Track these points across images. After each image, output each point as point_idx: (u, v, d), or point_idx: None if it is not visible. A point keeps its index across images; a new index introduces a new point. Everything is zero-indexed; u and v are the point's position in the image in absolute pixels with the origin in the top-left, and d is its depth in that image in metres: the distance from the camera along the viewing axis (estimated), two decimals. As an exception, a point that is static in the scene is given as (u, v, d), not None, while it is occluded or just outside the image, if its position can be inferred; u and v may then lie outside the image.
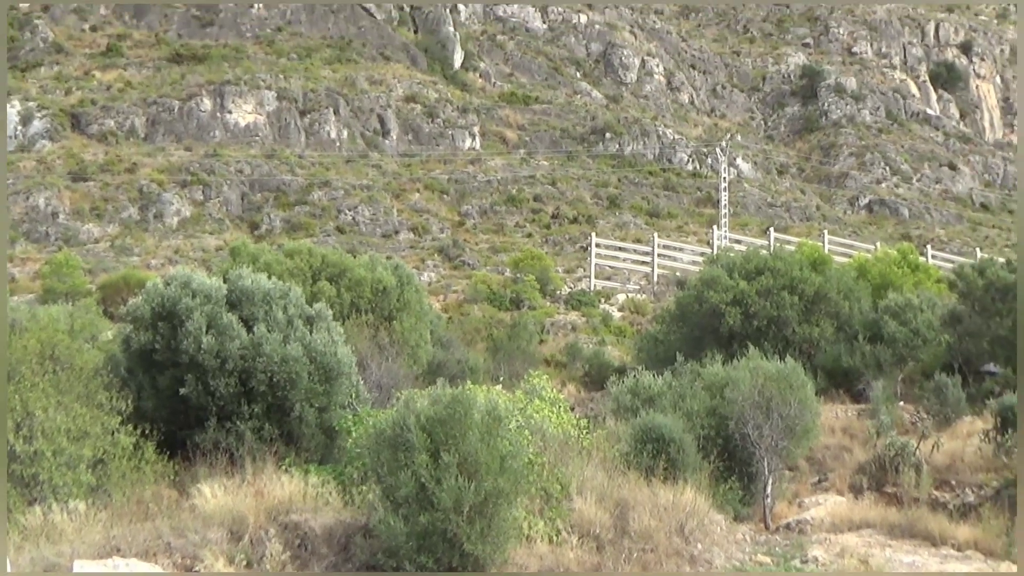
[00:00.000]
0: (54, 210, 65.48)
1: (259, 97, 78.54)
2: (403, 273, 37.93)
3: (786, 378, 29.59)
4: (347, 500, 22.69)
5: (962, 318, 38.07)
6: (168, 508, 22.67)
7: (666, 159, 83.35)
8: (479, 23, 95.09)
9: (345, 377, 26.54)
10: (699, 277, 41.94)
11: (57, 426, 23.47)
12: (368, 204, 69.51)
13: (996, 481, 30.10)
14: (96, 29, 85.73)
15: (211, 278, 28.58)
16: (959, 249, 68.23)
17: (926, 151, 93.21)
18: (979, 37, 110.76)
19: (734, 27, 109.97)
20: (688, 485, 25.98)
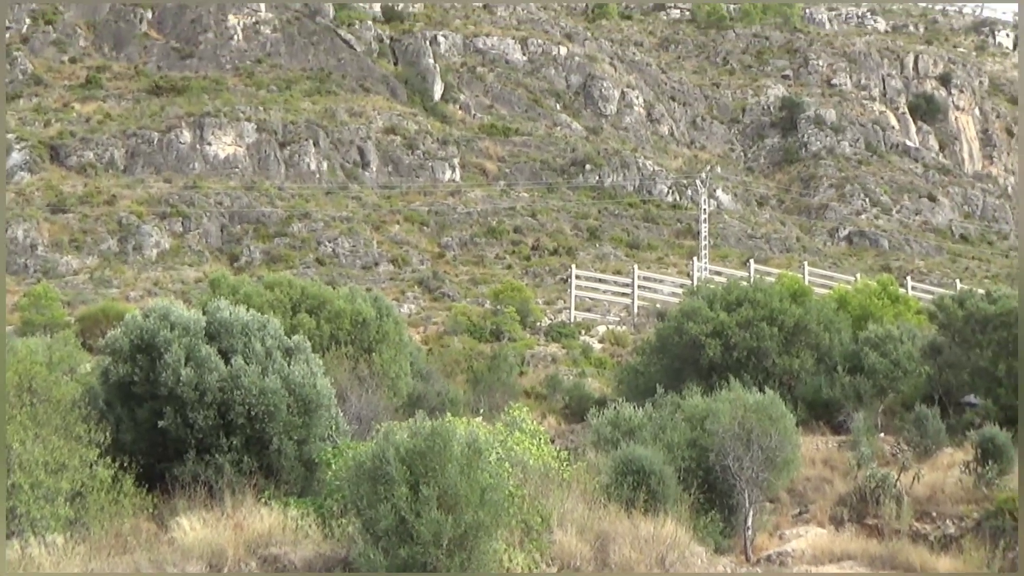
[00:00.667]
0: (33, 242, 65.39)
1: (239, 129, 78.56)
2: (382, 305, 37.95)
3: (766, 410, 29.64)
4: (327, 533, 22.66)
5: (942, 349, 38.15)
6: (147, 541, 22.61)
7: (646, 191, 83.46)
8: (459, 55, 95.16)
9: (324, 409, 26.52)
10: (679, 309, 41.98)
11: (35, 459, 23.41)
12: (348, 236, 69.53)
13: (977, 513, 30.14)
14: (75, 61, 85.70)
15: (190, 310, 28.56)
16: (939, 280, 68.39)
17: (906, 183, 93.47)
18: (958, 69, 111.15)
19: (714, 59, 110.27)
20: (669, 517, 25.99)
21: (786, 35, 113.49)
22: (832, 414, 36.85)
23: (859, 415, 35.88)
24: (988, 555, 28.12)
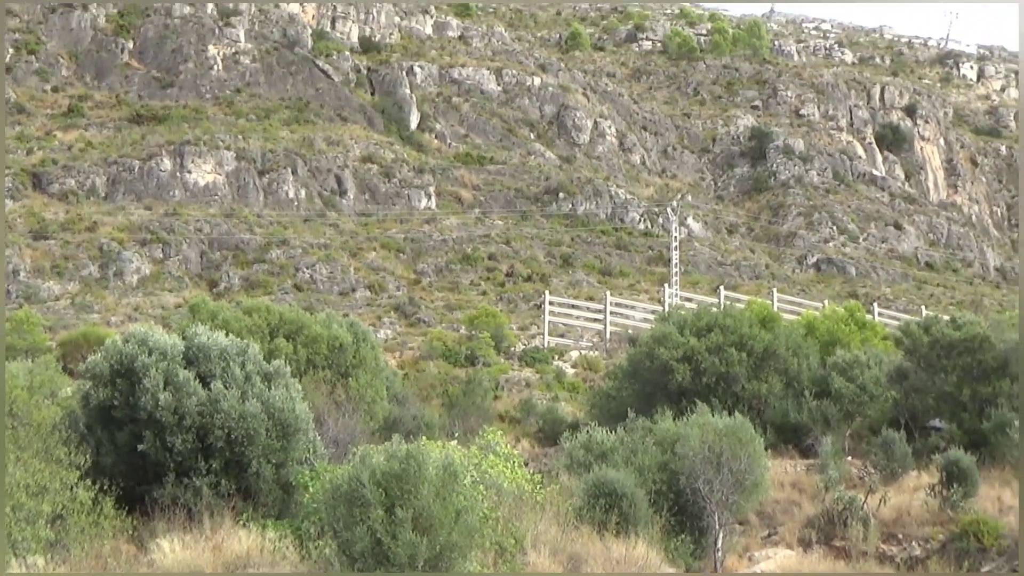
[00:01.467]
0: (15, 268, 65.22)
1: (218, 157, 78.51)
2: (359, 330, 37.95)
3: (735, 433, 29.69)
4: (304, 555, 22.64)
5: (908, 374, 38.29)
6: (127, 563, 22.57)
7: (618, 219, 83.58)
8: (435, 85, 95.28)
9: (302, 433, 26.51)
10: (650, 334, 42.03)
11: (16, 481, 23.36)
12: (325, 262, 69.51)
13: (942, 535, 30.22)
14: (58, 90, 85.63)
15: (169, 335, 28.53)
16: (905, 307, 68.61)
17: (872, 211, 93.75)
18: (923, 100, 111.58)
19: (684, 90, 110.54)
20: (640, 539, 26.02)
21: (755, 66, 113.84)
22: (800, 438, 36.92)
23: (827, 439, 35.98)
24: (951, 573, 28.23)
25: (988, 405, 35.95)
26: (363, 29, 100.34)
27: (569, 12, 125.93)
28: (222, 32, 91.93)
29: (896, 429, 35.86)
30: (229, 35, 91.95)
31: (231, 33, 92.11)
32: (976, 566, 28.78)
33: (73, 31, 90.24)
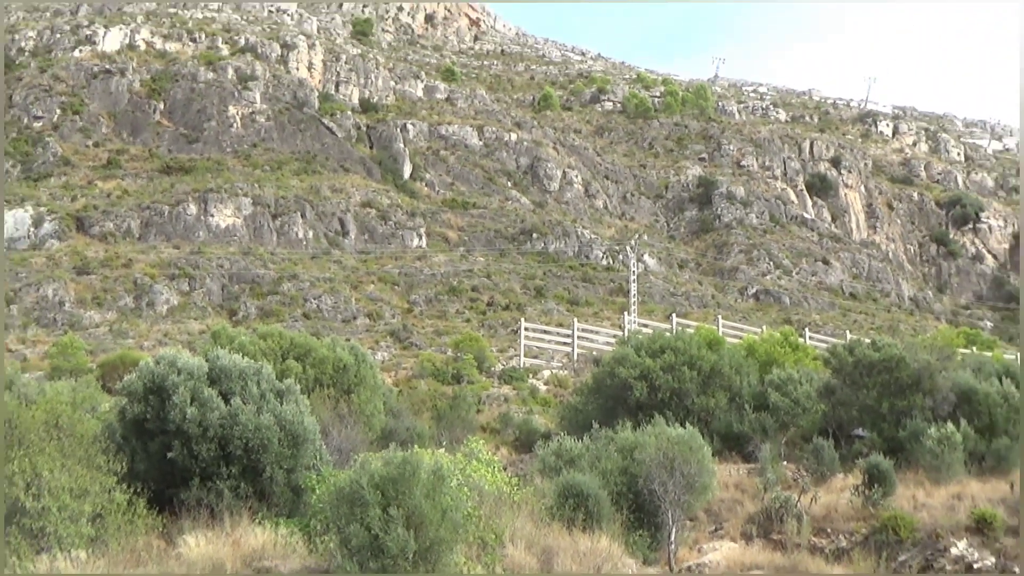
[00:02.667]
0: (61, 299, 65.14)
1: (237, 203, 78.48)
2: (359, 353, 37.85)
3: (686, 442, 29.67)
4: (311, 548, 22.54)
5: (835, 390, 38.27)
6: (157, 556, 22.44)
7: (584, 256, 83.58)
8: (425, 140, 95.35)
9: (310, 443, 26.43)
10: (612, 356, 41.97)
11: (61, 485, 23.24)
12: (330, 294, 69.41)
13: (865, 529, 30.19)
14: (98, 145, 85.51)
15: (195, 358, 28.45)
16: (832, 332, 68.62)
17: (803, 248, 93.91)
18: (846, 153, 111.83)
19: (641, 144, 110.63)
20: (604, 534, 25.95)
21: (702, 124, 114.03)
22: (742, 445, 36.87)
23: (765, 446, 35.94)
24: (874, 564, 28.20)
25: (904, 416, 35.97)
26: (363, 92, 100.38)
27: (541, 77, 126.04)
28: (240, 95, 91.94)
29: (825, 437, 35.86)
30: (246, 97, 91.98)
31: (248, 96, 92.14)
32: (894, 556, 28.77)
33: (112, 94, 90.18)
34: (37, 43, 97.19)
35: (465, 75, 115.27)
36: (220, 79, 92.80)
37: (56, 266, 69.13)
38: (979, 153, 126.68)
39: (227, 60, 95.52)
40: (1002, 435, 35.73)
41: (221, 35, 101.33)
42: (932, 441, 34.10)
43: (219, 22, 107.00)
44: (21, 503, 22.85)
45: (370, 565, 20.63)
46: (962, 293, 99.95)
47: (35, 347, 57.12)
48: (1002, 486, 32.55)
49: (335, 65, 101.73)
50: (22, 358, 53.46)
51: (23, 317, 63.22)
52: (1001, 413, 36.16)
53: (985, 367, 39.81)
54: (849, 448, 35.72)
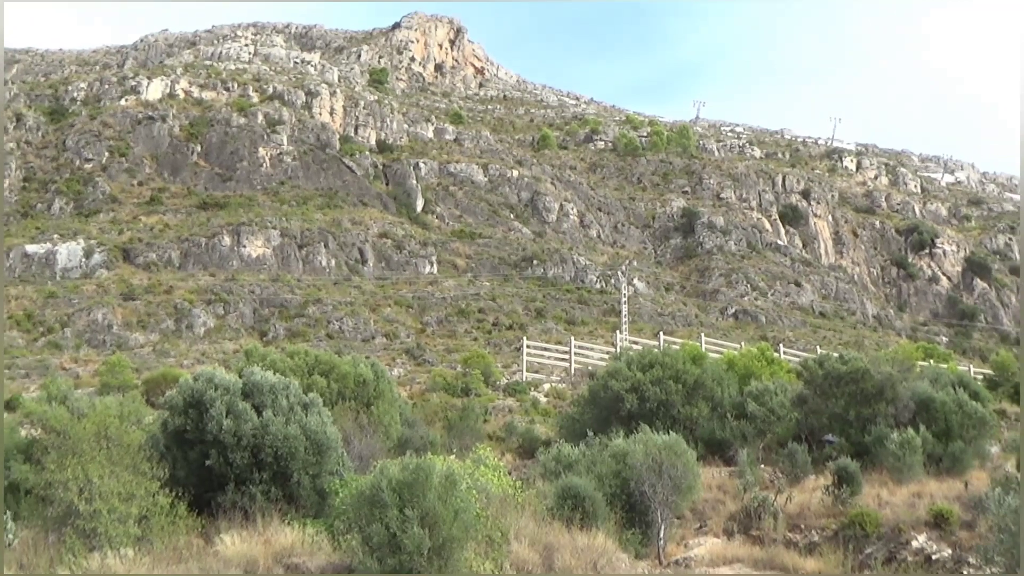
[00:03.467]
0: (109, 323, 65.22)
1: (267, 235, 78.61)
2: (378, 369, 37.81)
3: (673, 448, 29.64)
4: (335, 546, 22.51)
5: (807, 400, 38.25)
6: (197, 553, 22.42)
7: (579, 280, 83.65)
8: (435, 177, 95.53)
9: (333, 450, 26.41)
10: (605, 370, 41.93)
11: (111, 490, 23.25)
12: (351, 316, 69.43)
13: (834, 525, 30.15)
14: (142, 184, 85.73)
15: (229, 375, 28.45)
16: (804, 347, 68.59)
17: (777, 272, 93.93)
18: (815, 186, 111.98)
19: (630, 179, 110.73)
20: (599, 531, 25.89)
21: (685, 160, 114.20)
22: (724, 450, 36.82)
23: (744, 451, 35.89)
24: (842, 557, 28.16)
25: (869, 423, 35.94)
26: (379, 134, 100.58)
27: (540, 119, 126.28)
28: (269, 138, 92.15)
29: (798, 443, 35.80)
30: (275, 140, 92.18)
31: (276, 138, 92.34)
32: (860, 549, 28.72)
33: (154, 138, 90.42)
34: (88, 93, 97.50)
35: (471, 118, 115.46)
36: (251, 124, 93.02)
37: (105, 293, 69.25)
38: (933, 185, 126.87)
39: (257, 107, 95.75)
40: (957, 439, 35.72)
41: (252, 84, 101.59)
42: (894, 445, 34.11)
43: (250, 73, 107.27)
44: (75, 506, 22.89)
45: (389, 561, 20.61)
46: (920, 311, 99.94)
47: (86, 366, 57.19)
48: (957, 485, 32.54)
49: (354, 110, 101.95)
50: (75, 375, 53.57)
51: (76, 339, 63.36)
52: (956, 419, 36.16)
53: (941, 378, 39.82)
54: (820, 452, 35.68)
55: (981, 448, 37.00)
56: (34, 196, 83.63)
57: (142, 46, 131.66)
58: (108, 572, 21.09)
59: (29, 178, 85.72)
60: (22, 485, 25.19)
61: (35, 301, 67.77)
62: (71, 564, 21.18)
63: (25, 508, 24.42)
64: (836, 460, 33.44)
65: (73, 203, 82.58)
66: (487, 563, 22.90)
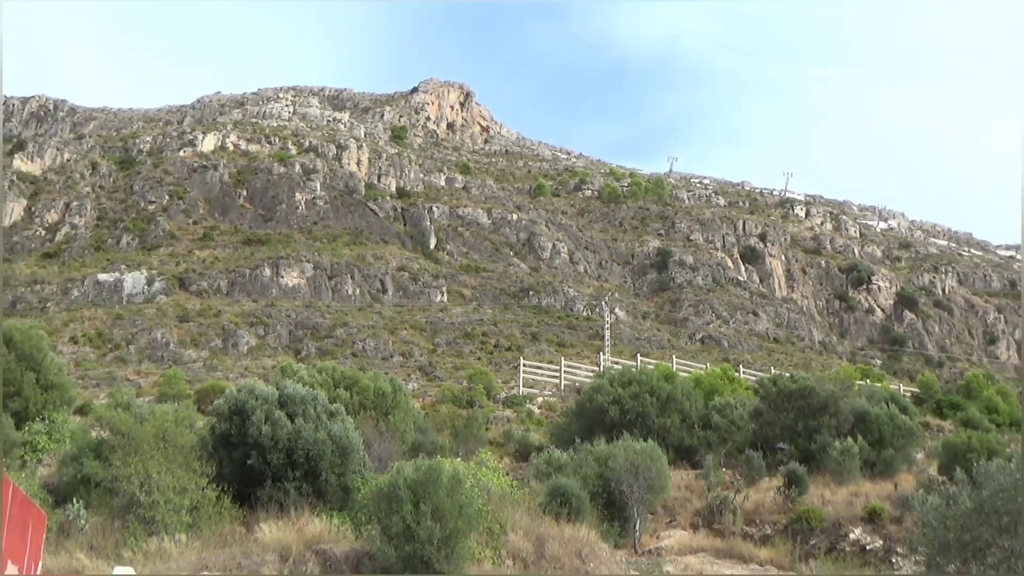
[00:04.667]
0: (167, 341, 65.26)
1: (301, 267, 78.67)
2: (395, 383, 37.82)
3: (648, 453, 29.65)
4: (358, 535, 22.48)
5: (762, 413, 38.29)
6: (239, 539, 22.40)
7: (569, 309, 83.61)
8: (446, 219, 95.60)
9: (355, 453, 26.41)
10: (590, 386, 41.96)
11: (167, 484, 23.25)
12: (372, 338, 69.40)
13: (784, 520, 30.16)
14: (196, 223, 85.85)
15: (268, 387, 28.47)
16: (760, 368, 68.50)
17: (738, 303, 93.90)
18: (771, 230, 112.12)
19: (613, 222, 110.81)
20: (583, 524, 25.85)
21: (660, 207, 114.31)
22: (691, 455, 36.81)
23: (709, 456, 35.90)
24: (791, 547, 28.15)
25: (815, 433, 35.97)
26: (399, 182, 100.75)
27: (536, 171, 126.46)
28: (305, 184, 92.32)
29: (754, 449, 35.81)
30: (309, 186, 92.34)
31: (311, 185, 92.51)
32: (806, 540, 28.73)
33: (207, 184, 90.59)
34: (152, 146, 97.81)
35: (477, 169, 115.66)
36: (289, 172, 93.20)
37: (163, 315, 69.32)
38: (870, 231, 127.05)
39: (295, 158, 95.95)
40: (888, 447, 35.83)
41: (291, 139, 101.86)
42: (836, 452, 34.15)
43: (289, 129, 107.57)
44: (137, 497, 22.90)
45: (404, 548, 20.61)
46: (858, 338, 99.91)
47: (147, 377, 57.26)
48: (888, 486, 32.63)
49: (377, 161, 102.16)
50: (137, 386, 53.63)
51: (138, 354, 63.47)
52: (887, 430, 36.25)
53: (875, 395, 39.97)
54: (773, 458, 35.69)
55: (908, 455, 37.10)
56: (105, 232, 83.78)
57: (198, 105, 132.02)
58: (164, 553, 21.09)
59: (101, 217, 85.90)
60: (93, 478, 25.18)
61: (105, 322, 67.90)
62: (133, 546, 21.19)
63: (95, 498, 24.41)
64: (786, 465, 33.48)
65: (138, 239, 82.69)
66: (487, 550, 22.87)
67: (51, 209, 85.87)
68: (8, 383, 30.32)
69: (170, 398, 43.84)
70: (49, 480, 27.44)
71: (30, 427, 29.93)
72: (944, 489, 25.12)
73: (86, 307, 70.87)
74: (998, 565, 19.30)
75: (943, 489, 25.32)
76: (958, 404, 52.64)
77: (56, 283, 74.02)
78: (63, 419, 31.80)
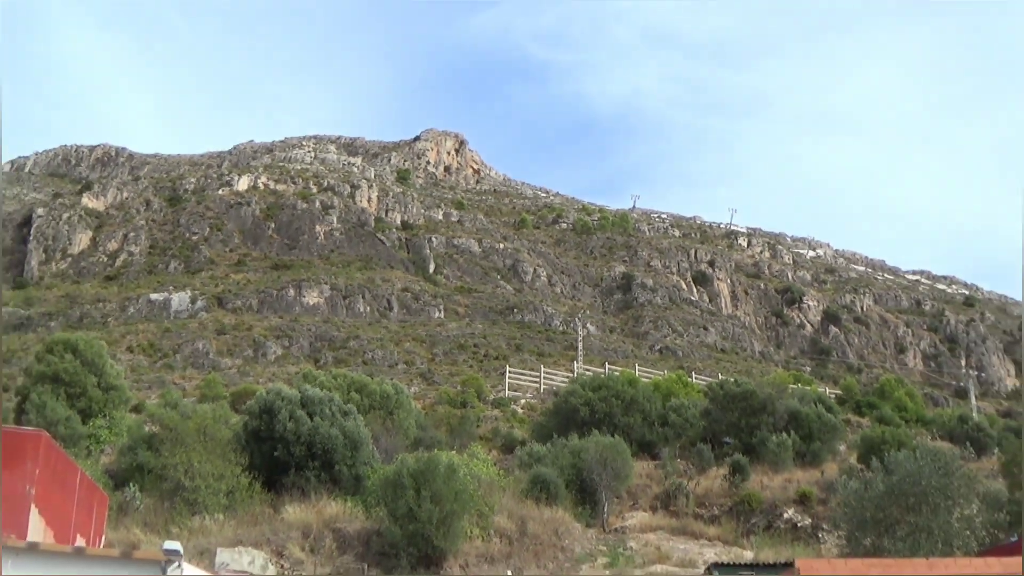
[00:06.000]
0: (207, 351, 65.20)
1: (320, 288, 78.58)
2: (398, 387, 37.96)
3: (614, 447, 29.78)
4: (368, 516, 22.54)
5: (711, 412, 38.47)
6: (268, 519, 22.48)
7: (547, 324, 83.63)
8: (443, 248, 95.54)
9: (365, 446, 26.50)
10: (566, 390, 42.12)
11: (207, 471, 23.33)
12: (380, 348, 69.35)
13: (730, 502, 30.30)
14: (232, 251, 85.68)
15: (292, 390, 28.54)
16: (709, 374, 68.57)
17: (691, 320, 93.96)
18: (719, 257, 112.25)
19: (585, 251, 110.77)
20: (560, 507, 25.92)
21: (624, 238, 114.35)
22: (651, 448, 36.96)
23: (667, 449, 36.06)
24: (735, 525, 28.26)
25: (755, 429, 36.16)
26: (403, 216, 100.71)
27: (520, 207, 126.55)
28: (323, 218, 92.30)
29: (704, 443, 35.98)
30: (327, 220, 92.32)
31: (328, 219, 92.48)
32: (748, 519, 28.85)
33: (242, 218, 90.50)
34: (196, 186, 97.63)
35: (470, 206, 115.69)
36: (311, 208, 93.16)
37: (204, 329, 69.20)
38: (801, 258, 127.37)
39: (315, 196, 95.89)
40: (816, 440, 36.05)
41: (312, 180, 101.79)
42: (773, 445, 34.32)
43: (311, 171, 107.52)
44: (182, 482, 22.97)
45: (408, 527, 20.68)
46: (791, 349, 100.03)
47: (190, 382, 57.26)
48: (816, 473, 32.86)
49: (385, 199, 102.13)
50: (183, 389, 53.70)
51: (183, 362, 63.50)
52: (816, 426, 36.48)
53: (806, 397, 40.17)
54: (720, 450, 35.87)
55: (833, 447, 37.31)
56: (156, 259, 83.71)
57: (235, 152, 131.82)
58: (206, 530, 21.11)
59: (153, 246, 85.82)
60: (146, 466, 25.21)
61: (155, 335, 67.94)
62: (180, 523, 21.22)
63: (148, 483, 24.46)
64: (731, 456, 33.68)
65: (183, 264, 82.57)
66: (477, 529, 22.93)
67: (112, 239, 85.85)
68: (74, 385, 30.54)
69: (209, 399, 43.86)
70: (110, 467, 27.46)
71: (94, 422, 30.03)
72: (862, 475, 25.31)
73: (140, 322, 70.85)
74: (905, 538, 19.47)
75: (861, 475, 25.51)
76: (874, 404, 52.90)
77: (115, 301, 73.97)
78: (121, 416, 31.88)
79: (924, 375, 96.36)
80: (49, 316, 70.20)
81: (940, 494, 19.86)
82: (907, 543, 19.37)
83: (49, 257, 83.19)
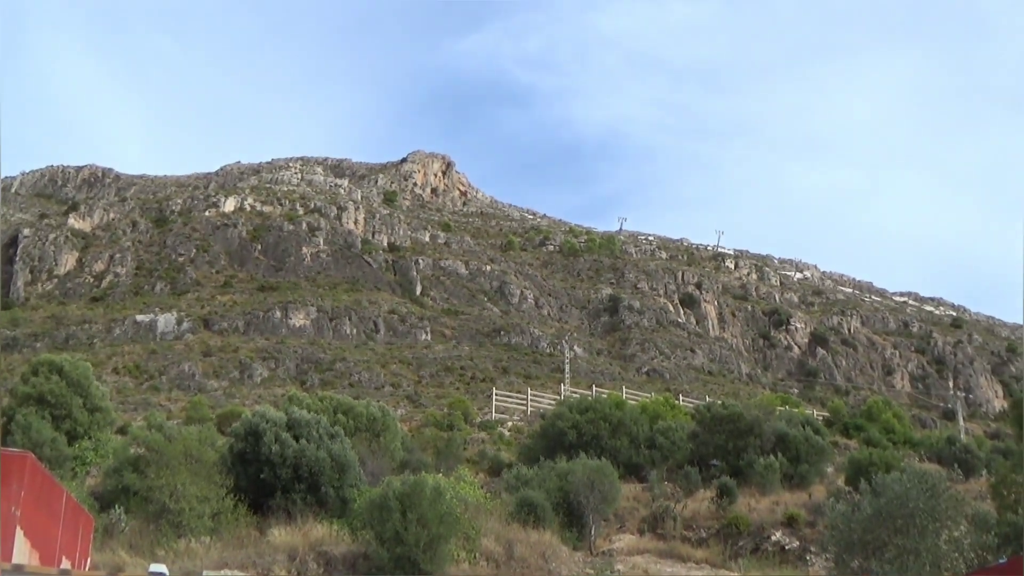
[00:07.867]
0: (193, 372, 65.08)
1: (306, 310, 78.49)
2: (385, 410, 37.86)
3: (601, 469, 29.76)
4: (354, 539, 22.48)
5: (698, 435, 38.51)
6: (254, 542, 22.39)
7: (534, 346, 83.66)
8: (430, 270, 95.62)
9: (351, 468, 26.44)
10: (553, 412, 42.11)
11: (192, 494, 23.23)
12: (367, 370, 69.25)
13: (717, 525, 30.29)
14: (218, 272, 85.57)
15: (278, 412, 28.49)
16: (696, 396, 68.66)
17: (678, 342, 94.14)
18: (706, 279, 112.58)
19: (572, 273, 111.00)
20: (547, 530, 25.89)
21: (611, 260, 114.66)
22: (639, 471, 36.92)
23: (654, 472, 36.05)
24: (722, 548, 28.25)
25: (742, 451, 36.20)
26: (390, 238, 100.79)
27: (507, 229, 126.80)
28: (310, 240, 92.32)
29: (692, 465, 35.99)
30: (314, 241, 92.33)
31: (315, 240, 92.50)
32: (735, 542, 28.84)
33: (228, 239, 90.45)
34: (182, 207, 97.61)
35: (457, 228, 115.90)
36: (297, 230, 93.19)
37: (190, 350, 69.07)
38: (788, 280, 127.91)
39: (302, 217, 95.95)
40: (804, 462, 36.11)
41: (298, 201, 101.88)
42: (760, 467, 34.37)
43: (297, 193, 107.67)
44: (167, 505, 22.87)
45: (394, 550, 20.64)
46: (779, 371, 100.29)
47: (176, 403, 57.12)
48: (803, 496, 32.89)
49: (372, 221, 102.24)
50: (168, 410, 53.55)
51: (169, 383, 63.38)
52: (803, 448, 36.55)
53: (793, 419, 40.23)
54: (707, 472, 35.87)
55: (821, 469, 37.38)
56: (143, 280, 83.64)
57: (221, 173, 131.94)
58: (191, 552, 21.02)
59: (140, 267, 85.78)
60: (131, 488, 25.10)
61: (141, 356, 67.83)
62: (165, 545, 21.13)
63: (133, 505, 24.33)
64: (719, 478, 33.68)
65: (170, 285, 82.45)
66: (464, 552, 22.88)
67: (98, 260, 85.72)
68: (59, 406, 30.49)
69: (195, 421, 43.66)
70: (95, 489, 27.32)
71: (80, 444, 29.96)
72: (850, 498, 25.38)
73: (126, 343, 70.70)
74: (893, 560, 19.53)
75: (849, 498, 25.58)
76: (861, 426, 53.05)
77: (101, 322, 73.80)
78: (107, 438, 31.79)
79: (912, 397, 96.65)
80: (35, 337, 69.99)
81: (928, 516, 19.92)
82: (895, 565, 19.42)
83: (35, 278, 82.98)
